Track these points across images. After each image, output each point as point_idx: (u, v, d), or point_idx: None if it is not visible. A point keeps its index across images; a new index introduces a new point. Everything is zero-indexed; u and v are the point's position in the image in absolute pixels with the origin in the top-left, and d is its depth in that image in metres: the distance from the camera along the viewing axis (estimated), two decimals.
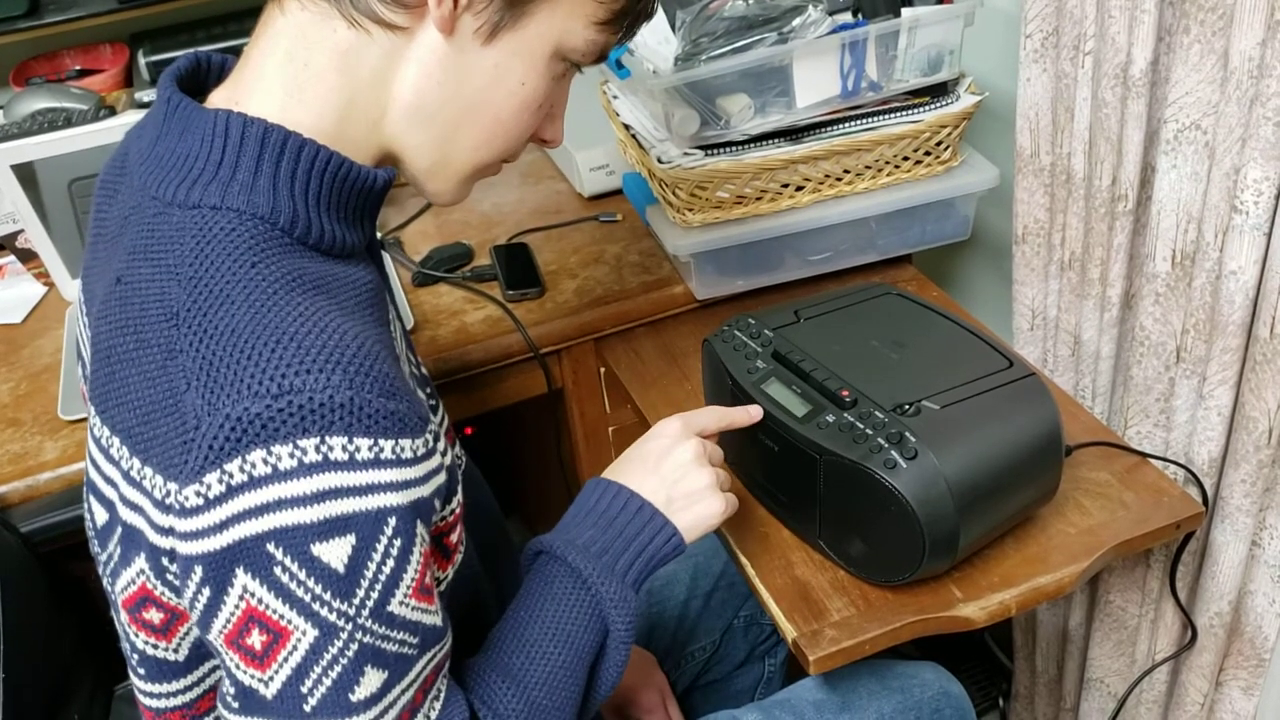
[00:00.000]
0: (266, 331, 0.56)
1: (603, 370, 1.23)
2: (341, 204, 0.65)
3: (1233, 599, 1.02)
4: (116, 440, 0.61)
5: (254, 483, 0.54)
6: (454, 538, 0.68)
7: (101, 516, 0.65)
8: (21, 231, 1.27)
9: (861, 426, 0.83)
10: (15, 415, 1.11)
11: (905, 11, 1.08)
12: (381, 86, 0.65)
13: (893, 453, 0.80)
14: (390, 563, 0.57)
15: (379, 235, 1.32)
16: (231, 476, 0.54)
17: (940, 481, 0.79)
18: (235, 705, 0.59)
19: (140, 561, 0.62)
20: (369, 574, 0.57)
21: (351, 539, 0.56)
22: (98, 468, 0.64)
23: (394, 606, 0.58)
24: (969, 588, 0.86)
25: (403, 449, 0.57)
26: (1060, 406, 0.88)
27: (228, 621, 0.57)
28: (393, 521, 0.57)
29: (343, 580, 0.56)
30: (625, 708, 1.03)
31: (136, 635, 0.66)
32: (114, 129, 1.18)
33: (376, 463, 0.56)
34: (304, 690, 0.57)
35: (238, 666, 0.58)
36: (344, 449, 0.55)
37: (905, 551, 0.81)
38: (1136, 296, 1.03)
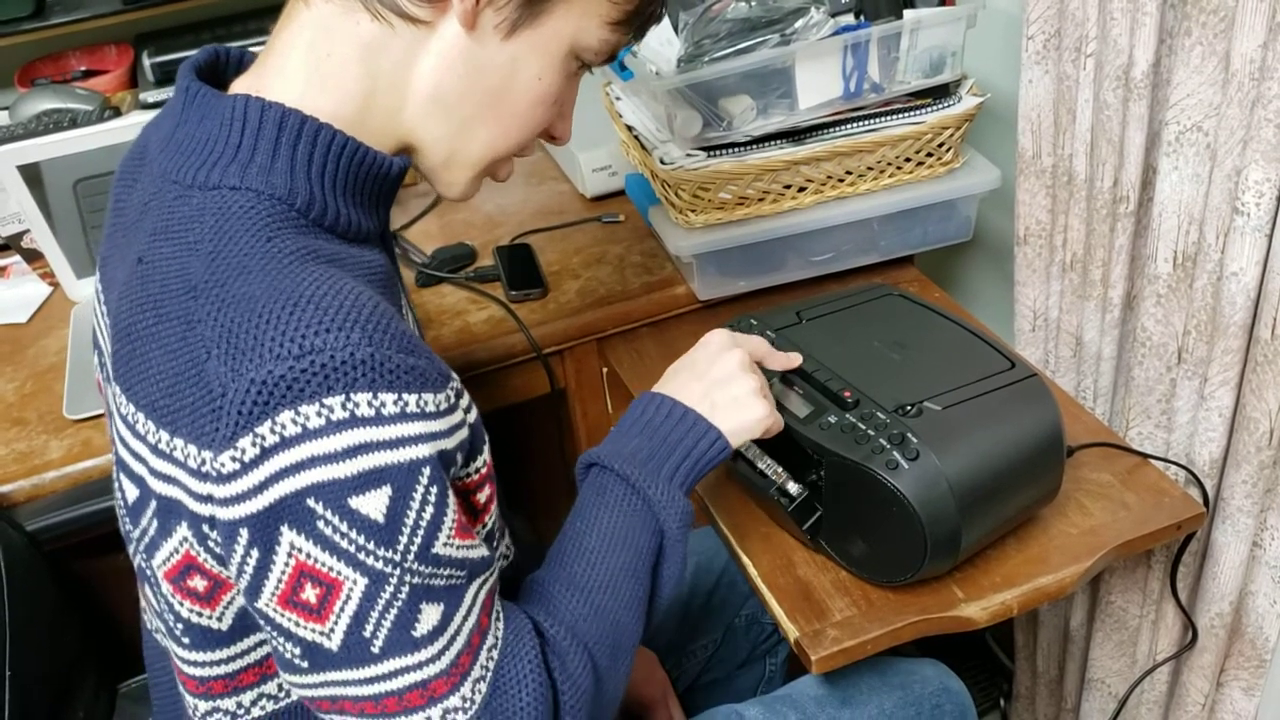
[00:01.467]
0: (284, 296, 0.57)
1: (605, 370, 1.23)
2: (357, 189, 0.67)
3: (1234, 600, 1.02)
4: (142, 415, 0.62)
5: (286, 443, 0.56)
6: (482, 497, 0.69)
7: (133, 493, 0.66)
8: (27, 231, 1.28)
9: (863, 427, 0.83)
10: (21, 414, 1.11)
11: (907, 13, 1.08)
12: (402, 78, 0.66)
13: (895, 453, 0.80)
14: (430, 509, 0.59)
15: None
16: (264, 439, 0.56)
17: (942, 482, 0.79)
18: (305, 665, 0.61)
19: (183, 529, 0.63)
20: (409, 522, 0.58)
21: (388, 490, 0.57)
22: (126, 445, 0.65)
23: (438, 549, 0.60)
24: (970, 588, 0.87)
25: (425, 403, 0.59)
26: (1062, 407, 0.88)
27: (279, 581, 0.58)
28: (426, 471, 0.58)
29: (384, 530, 0.57)
30: (626, 705, 1.04)
31: (181, 604, 0.67)
32: (119, 130, 1.19)
33: (403, 416, 0.57)
34: (366, 635, 0.59)
35: (297, 625, 0.59)
36: (369, 404, 0.56)
37: (907, 552, 0.82)
38: (1138, 298, 1.04)
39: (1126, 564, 1.12)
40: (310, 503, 0.56)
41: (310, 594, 0.58)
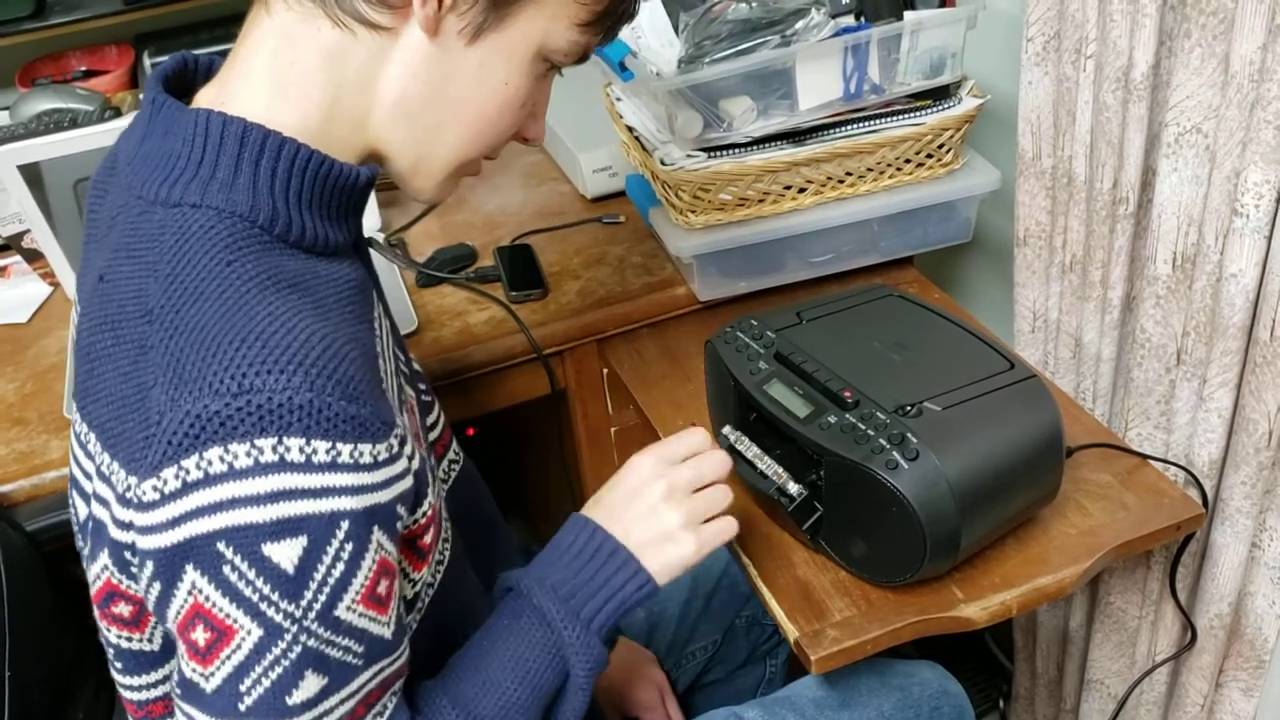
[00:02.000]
0: (234, 330, 0.56)
1: (605, 371, 1.23)
2: (324, 202, 0.66)
3: (1233, 600, 1.03)
4: (93, 436, 0.63)
5: (209, 480, 0.55)
6: (427, 539, 0.68)
7: (83, 511, 0.66)
8: (27, 231, 1.28)
9: (863, 427, 0.83)
10: (21, 414, 1.11)
11: (908, 15, 1.09)
12: (366, 86, 0.66)
13: (894, 454, 0.80)
14: (340, 566, 0.57)
15: (384, 237, 1.33)
16: (188, 473, 0.55)
17: (942, 482, 0.79)
18: (179, 692, 0.60)
19: (104, 556, 0.63)
20: (318, 576, 0.57)
21: (303, 540, 0.56)
22: (78, 463, 0.66)
23: (341, 611, 0.58)
24: (970, 588, 0.87)
25: (361, 454, 0.58)
26: (1061, 408, 0.88)
27: (178, 614, 0.58)
28: (345, 525, 0.57)
29: (291, 581, 0.56)
30: (624, 705, 1.04)
31: (109, 630, 0.67)
32: (119, 130, 1.19)
33: (333, 466, 0.56)
34: (242, 689, 0.58)
35: (183, 658, 0.59)
36: (300, 450, 0.55)
37: (907, 552, 0.82)
38: (1137, 299, 1.04)
39: (1126, 565, 1.12)
40: (220, 546, 0.55)
41: (200, 636, 0.57)
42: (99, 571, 0.64)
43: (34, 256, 1.31)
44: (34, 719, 0.96)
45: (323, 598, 0.57)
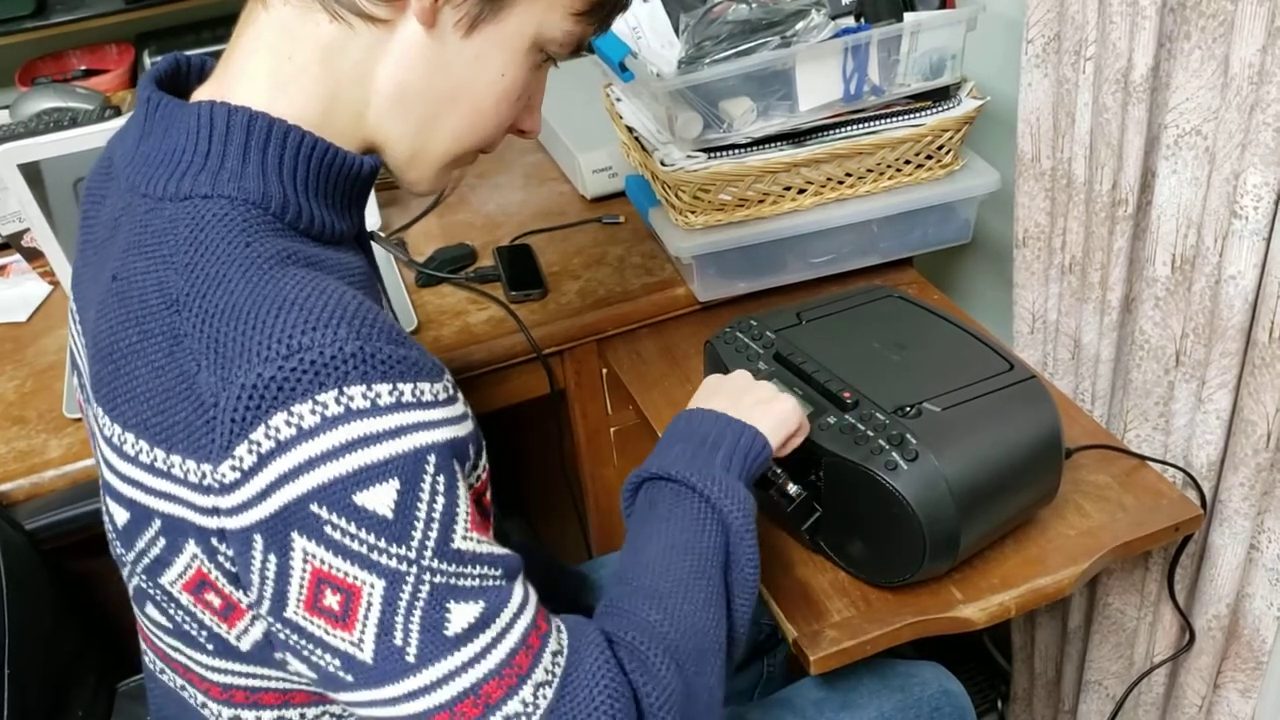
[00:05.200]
0: (267, 301, 0.57)
1: (605, 371, 1.23)
2: (329, 190, 0.66)
3: (1231, 602, 1.03)
4: (131, 436, 0.61)
5: (282, 446, 0.55)
6: (488, 498, 0.68)
7: (122, 517, 0.65)
8: (27, 230, 1.28)
9: (863, 428, 0.83)
10: (20, 413, 1.11)
11: (908, 16, 1.09)
12: (364, 79, 0.66)
13: (894, 454, 0.80)
14: (440, 500, 0.57)
15: (384, 235, 1.33)
16: (259, 445, 0.55)
17: (941, 483, 0.79)
18: (349, 679, 0.58)
19: (192, 546, 0.62)
20: (421, 515, 0.57)
21: (395, 483, 0.56)
22: (113, 469, 0.64)
23: (458, 543, 0.58)
24: (969, 589, 0.87)
25: (422, 392, 0.58)
26: (1060, 409, 0.88)
27: (302, 587, 0.57)
28: (433, 459, 0.57)
29: (394, 525, 0.56)
30: None
31: (203, 613, 0.66)
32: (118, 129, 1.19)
33: (399, 405, 0.56)
34: (397, 643, 0.57)
35: (328, 633, 0.58)
36: (364, 396, 0.56)
37: (906, 552, 0.82)
38: (1136, 300, 1.04)
39: (1124, 566, 1.12)
40: (314, 508, 0.55)
41: (332, 601, 0.57)
42: (188, 562, 0.62)
43: (33, 255, 1.31)
44: (33, 717, 0.96)
45: (434, 534, 0.57)
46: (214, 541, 0.60)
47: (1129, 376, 1.06)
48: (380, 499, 0.56)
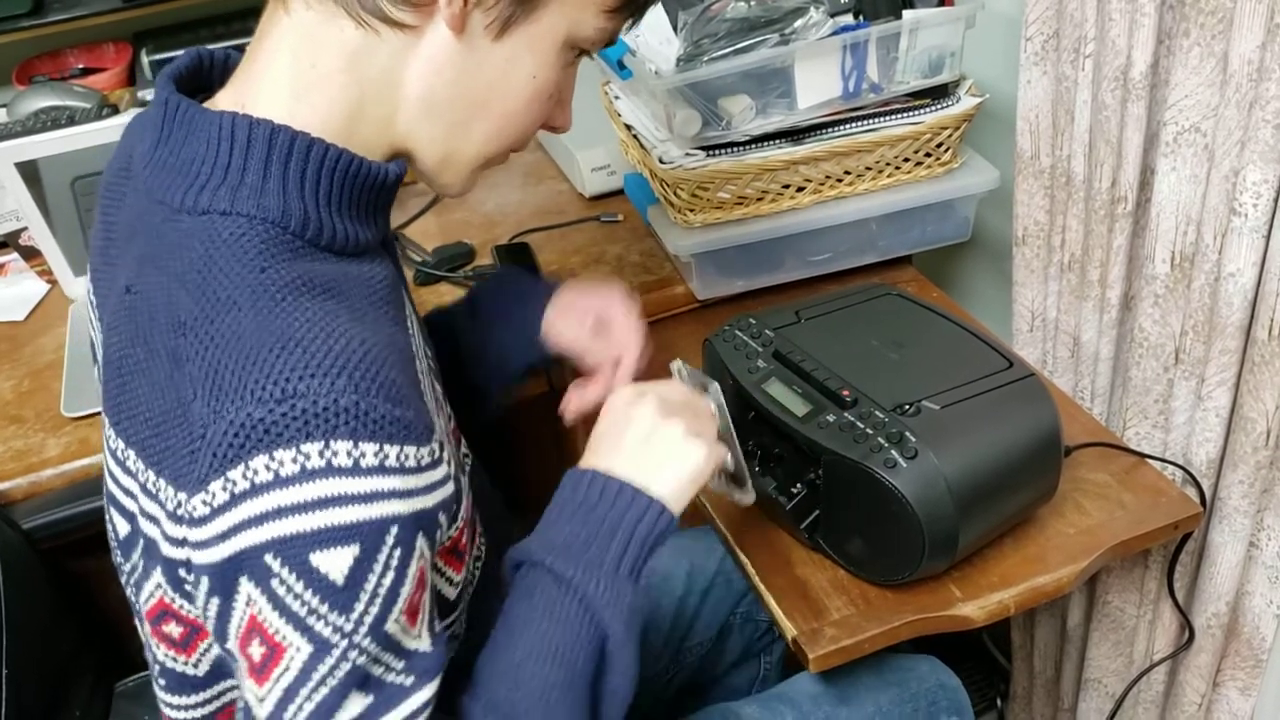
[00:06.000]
0: (272, 337, 0.55)
1: None
2: (354, 201, 0.65)
3: (1230, 600, 1.03)
4: (132, 453, 0.61)
5: (256, 489, 0.53)
6: (464, 541, 0.67)
7: (124, 529, 0.65)
8: (25, 229, 1.28)
9: (862, 426, 0.83)
10: (18, 412, 1.11)
11: (906, 14, 1.09)
12: (391, 85, 0.64)
13: (893, 452, 0.80)
14: (390, 575, 0.56)
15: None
16: (235, 484, 0.54)
17: (940, 481, 0.79)
18: (242, 717, 0.59)
19: (157, 574, 0.62)
20: (369, 587, 0.55)
21: (355, 549, 0.54)
22: (116, 481, 0.64)
23: (390, 625, 0.57)
24: (968, 587, 0.87)
25: (407, 456, 0.56)
26: (1059, 407, 0.88)
27: (238, 629, 0.57)
28: (395, 530, 0.55)
29: (341, 593, 0.55)
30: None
31: (158, 648, 0.66)
32: (117, 127, 1.19)
33: (381, 469, 0.55)
34: (286, 717, 0.56)
35: (245, 675, 0.58)
36: (349, 454, 0.54)
37: (905, 551, 0.82)
38: (1136, 298, 1.04)
39: (1123, 564, 1.12)
40: (269, 559, 0.54)
41: (256, 651, 0.56)
42: (152, 589, 0.63)
43: (31, 254, 1.30)
44: (30, 717, 0.96)
45: (374, 610, 0.56)
46: (181, 572, 0.60)
47: (1128, 374, 1.06)
48: (336, 563, 0.54)
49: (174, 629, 0.64)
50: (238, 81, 0.66)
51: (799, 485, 0.88)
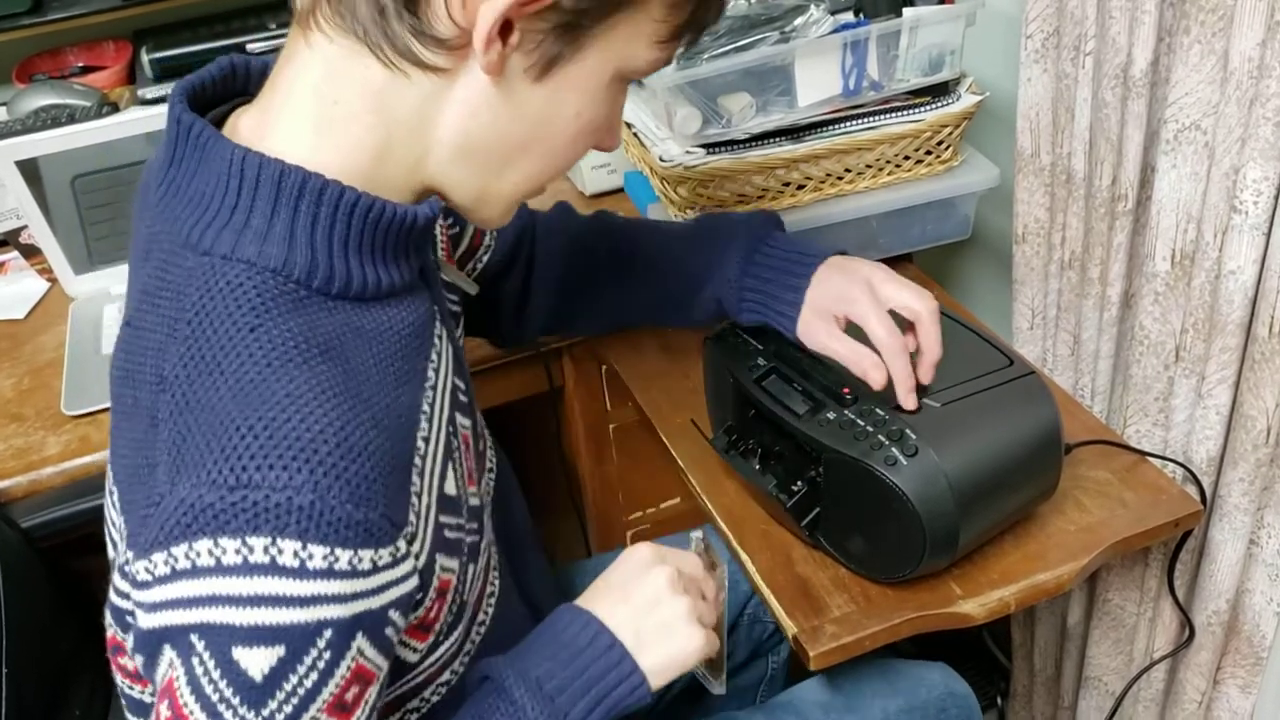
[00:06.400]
0: (243, 414, 0.53)
1: (604, 368, 1.23)
2: (376, 245, 0.61)
3: (1230, 597, 1.03)
4: (116, 490, 0.61)
5: (194, 571, 0.52)
6: (434, 615, 0.64)
7: (110, 553, 0.65)
8: (25, 227, 1.27)
9: (862, 424, 0.83)
10: (18, 410, 1.11)
11: (907, 11, 1.09)
12: (422, 127, 0.61)
13: (893, 450, 0.80)
14: (313, 676, 0.54)
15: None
16: (176, 560, 0.52)
17: (941, 478, 0.79)
18: None
19: (108, 613, 0.62)
20: (287, 687, 0.53)
21: (279, 650, 0.52)
22: (108, 504, 0.64)
23: None
24: (968, 585, 0.87)
25: (361, 559, 0.53)
26: (1060, 405, 0.88)
27: (160, 680, 0.55)
28: (328, 634, 0.53)
29: (256, 690, 0.52)
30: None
31: (118, 676, 0.66)
32: (117, 126, 1.19)
33: (328, 573, 0.52)
34: None
35: None
36: (295, 554, 0.52)
37: (905, 548, 0.82)
38: (1136, 296, 1.04)
39: (1124, 561, 1.12)
40: (194, 638, 0.52)
41: (164, 712, 0.54)
42: (110, 621, 0.63)
43: (31, 252, 1.30)
44: (30, 717, 0.96)
45: (288, 709, 0.53)
46: (127, 618, 0.59)
47: (1129, 372, 1.06)
48: (257, 662, 0.52)
49: (127, 662, 0.64)
50: (261, 106, 0.62)
51: (799, 483, 0.88)
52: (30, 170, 1.18)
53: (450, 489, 0.65)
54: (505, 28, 0.57)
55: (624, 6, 0.59)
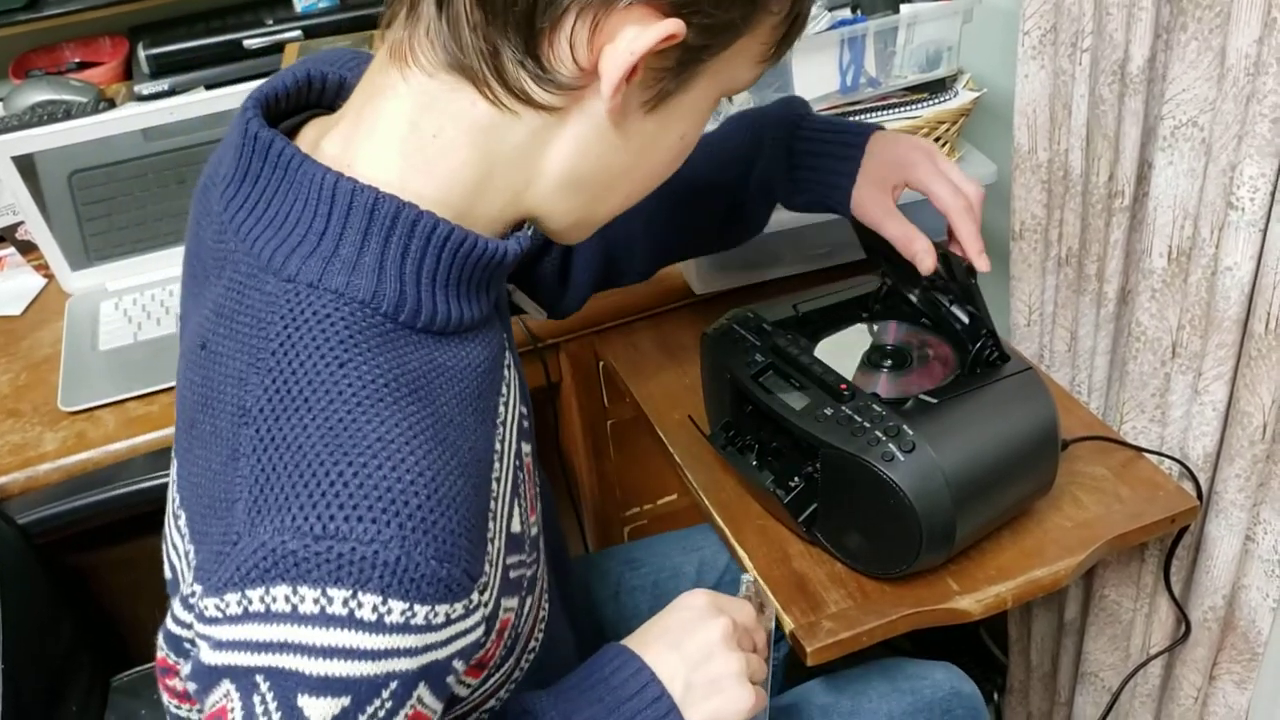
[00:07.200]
0: (332, 457, 0.51)
1: (601, 364, 1.23)
2: (463, 280, 0.59)
3: (1226, 593, 1.03)
4: (184, 515, 0.59)
5: (270, 616, 0.51)
6: (492, 654, 0.62)
7: (169, 573, 0.64)
8: (21, 223, 1.27)
9: (859, 420, 0.83)
10: (15, 406, 1.11)
11: (904, 8, 1.09)
12: (524, 162, 0.59)
13: (890, 445, 0.80)
14: None
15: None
16: (250, 603, 0.51)
17: (937, 474, 0.79)
18: None
19: (161, 639, 0.61)
20: None
21: (345, 700, 0.51)
22: (172, 524, 0.62)
23: None
24: (965, 580, 0.87)
25: (437, 614, 0.52)
26: (1056, 401, 0.88)
27: (211, 707, 0.54)
28: (393, 686, 0.52)
29: None
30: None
31: (166, 698, 0.65)
32: (114, 121, 1.19)
33: (405, 628, 0.51)
34: None
35: None
36: (374, 609, 0.50)
37: (902, 544, 0.82)
38: (1133, 292, 1.04)
39: (1120, 557, 1.12)
40: (259, 679, 0.51)
41: None
42: (161, 643, 0.61)
43: (28, 248, 1.30)
44: (28, 713, 0.96)
45: None
46: (185, 645, 0.58)
47: (1125, 368, 1.06)
48: (320, 711, 0.51)
49: (176, 684, 0.63)
50: (345, 133, 0.59)
51: (796, 479, 0.88)
52: (27, 166, 1.18)
53: (515, 526, 0.63)
54: (630, 69, 0.56)
55: (741, 35, 0.59)
